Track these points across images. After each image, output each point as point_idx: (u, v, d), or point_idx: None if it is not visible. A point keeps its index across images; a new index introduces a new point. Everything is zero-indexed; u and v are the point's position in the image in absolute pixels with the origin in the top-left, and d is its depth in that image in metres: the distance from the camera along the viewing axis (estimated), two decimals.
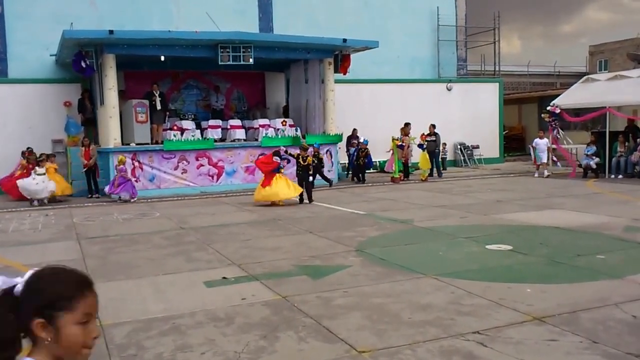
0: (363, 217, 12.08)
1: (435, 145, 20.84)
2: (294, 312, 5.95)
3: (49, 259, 8.96)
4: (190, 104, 21.10)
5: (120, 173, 15.97)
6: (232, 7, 21.47)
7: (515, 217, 11.33)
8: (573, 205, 12.81)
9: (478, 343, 4.95)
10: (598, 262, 7.66)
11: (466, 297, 6.22)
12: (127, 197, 15.88)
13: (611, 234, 9.43)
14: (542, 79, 41.68)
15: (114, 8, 20.04)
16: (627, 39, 42.68)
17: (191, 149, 17.48)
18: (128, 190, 15.94)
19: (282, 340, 5.18)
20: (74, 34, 16.03)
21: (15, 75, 19.29)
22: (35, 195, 15.42)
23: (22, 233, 11.57)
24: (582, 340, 4.94)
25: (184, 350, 5.02)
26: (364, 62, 21.60)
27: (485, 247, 8.75)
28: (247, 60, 17.13)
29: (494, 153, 25.83)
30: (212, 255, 8.78)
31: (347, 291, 6.61)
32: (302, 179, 14.90)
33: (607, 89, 19.18)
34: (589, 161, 18.82)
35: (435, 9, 24.68)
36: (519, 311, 5.71)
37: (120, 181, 15.91)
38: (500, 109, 26.18)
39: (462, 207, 12.97)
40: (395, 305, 6.04)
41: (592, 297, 6.14)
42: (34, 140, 18.48)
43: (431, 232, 10.19)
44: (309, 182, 14.94)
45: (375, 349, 4.90)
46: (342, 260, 8.21)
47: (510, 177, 19.93)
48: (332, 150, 19.25)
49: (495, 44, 26.36)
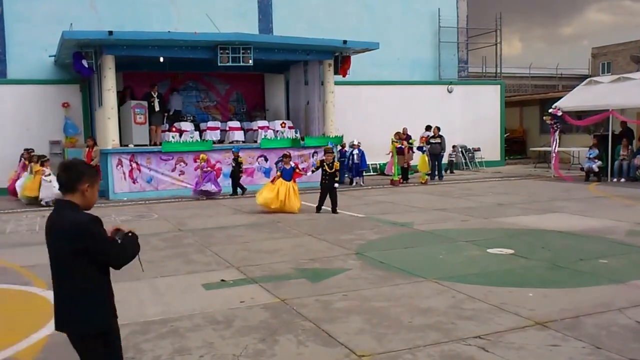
0: (362, 220, 12.01)
1: (440, 147, 20.77)
2: (293, 315, 5.90)
3: (46, 261, 8.85)
4: (189, 106, 21.03)
5: (202, 170, 16.25)
6: (232, 9, 21.44)
7: (517, 221, 11.26)
8: (575, 209, 12.73)
9: (479, 348, 4.90)
10: (601, 267, 7.59)
11: (467, 302, 6.16)
12: (214, 190, 16.14)
13: (614, 238, 9.36)
14: (544, 81, 41.60)
15: (113, 9, 20.01)
16: (631, 41, 42.53)
17: (189, 150, 17.41)
18: (211, 180, 16.19)
19: (281, 344, 5.13)
20: (73, 35, 15.98)
21: (14, 76, 19.25)
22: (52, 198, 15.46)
23: (19, 234, 11.51)
24: (585, 345, 4.89)
25: (182, 353, 4.97)
26: (364, 64, 21.57)
27: (487, 250, 8.68)
28: (246, 61, 17.07)
29: (495, 156, 25.76)
30: (210, 257, 8.71)
31: (347, 295, 6.55)
32: (328, 189, 13.10)
33: (610, 92, 19.11)
34: (591, 164, 18.73)
35: (436, 10, 24.64)
36: (520, 316, 5.65)
37: (204, 176, 16.24)
38: (501, 112, 26.13)
39: (462, 210, 12.90)
40: (395, 309, 5.98)
41: (595, 302, 6.07)
42: (31, 141, 18.42)
43: (431, 235, 10.12)
44: (335, 192, 13.22)
45: (375, 353, 4.85)
46: (342, 263, 8.15)
47: (512, 180, 19.85)
48: None
49: (497, 46, 26.31)
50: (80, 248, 3.19)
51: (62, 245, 3.23)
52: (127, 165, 16.71)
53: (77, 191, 3.33)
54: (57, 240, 3.27)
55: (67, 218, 3.24)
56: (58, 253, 3.28)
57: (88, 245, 3.20)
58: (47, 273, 8.01)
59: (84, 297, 3.28)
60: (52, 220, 3.35)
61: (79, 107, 19.97)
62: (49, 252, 3.37)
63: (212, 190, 16.22)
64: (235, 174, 16.90)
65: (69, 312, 3.29)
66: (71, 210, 3.29)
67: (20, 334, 5.58)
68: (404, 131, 20.37)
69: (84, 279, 3.27)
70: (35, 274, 8.02)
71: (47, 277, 7.61)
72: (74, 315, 3.28)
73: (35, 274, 7.98)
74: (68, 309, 3.29)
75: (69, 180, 3.33)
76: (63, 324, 3.32)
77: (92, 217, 3.26)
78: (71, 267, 3.25)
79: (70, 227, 3.21)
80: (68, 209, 3.29)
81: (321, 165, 13.36)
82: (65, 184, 3.35)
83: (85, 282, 3.28)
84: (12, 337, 5.51)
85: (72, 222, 3.22)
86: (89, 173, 3.38)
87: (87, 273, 3.27)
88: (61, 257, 3.26)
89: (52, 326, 5.75)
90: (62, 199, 3.37)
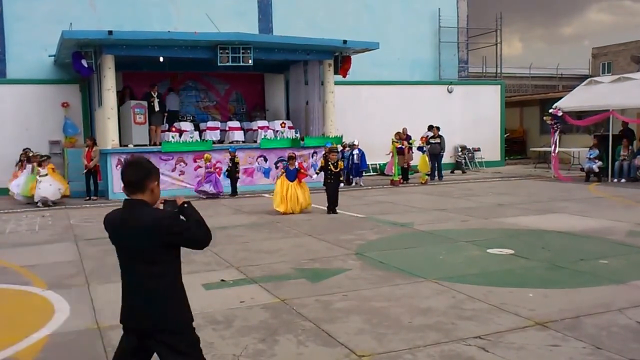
0: (362, 220, 12.00)
1: (439, 147, 20.76)
2: (293, 315, 5.90)
3: (46, 260, 8.92)
4: (189, 106, 21.01)
5: (206, 170, 16.34)
6: (232, 8, 21.42)
7: (517, 221, 11.25)
8: (575, 209, 12.73)
9: (479, 348, 4.89)
10: (601, 267, 7.58)
11: (467, 302, 6.16)
12: (213, 191, 16.19)
13: (614, 239, 9.36)
14: (544, 82, 41.54)
15: (113, 9, 19.99)
16: (631, 41, 42.42)
17: (189, 150, 17.40)
18: (212, 182, 16.24)
19: (281, 344, 5.13)
20: (73, 35, 15.96)
21: (14, 75, 19.23)
22: (49, 198, 15.46)
23: (19, 234, 11.51)
24: (585, 345, 4.89)
25: None
26: (364, 64, 21.55)
27: (487, 251, 8.68)
28: (246, 61, 17.06)
29: (495, 156, 25.73)
30: (210, 257, 8.70)
31: (347, 295, 6.54)
32: (333, 189, 12.97)
33: (610, 92, 19.08)
34: (591, 165, 18.72)
35: (437, 10, 24.62)
36: (521, 316, 5.65)
37: (207, 176, 16.31)
38: (501, 112, 26.10)
39: (462, 210, 12.89)
40: (395, 309, 5.98)
41: (595, 302, 6.07)
42: (31, 141, 18.41)
43: (431, 235, 10.11)
44: (337, 192, 13.12)
45: (375, 353, 4.85)
46: (342, 263, 8.14)
47: (512, 181, 19.84)
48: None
49: (497, 46, 26.29)
50: (168, 242, 3.23)
51: (147, 242, 3.21)
52: None
53: (147, 189, 3.32)
54: (139, 238, 3.23)
55: (145, 215, 3.24)
56: (142, 250, 3.25)
57: (177, 237, 3.24)
58: (47, 273, 8.04)
59: (176, 290, 3.36)
60: (124, 219, 3.30)
61: (78, 107, 19.94)
62: (121, 249, 3.38)
63: (211, 192, 16.24)
64: (232, 174, 16.90)
65: (163, 308, 3.27)
66: (146, 207, 3.29)
67: (20, 334, 5.57)
68: (404, 131, 20.36)
69: (175, 273, 3.35)
70: (35, 274, 8.03)
71: (47, 277, 7.69)
72: (172, 310, 3.30)
73: (35, 274, 7.98)
74: (162, 305, 3.27)
75: (139, 179, 3.32)
76: (153, 320, 3.28)
77: (170, 211, 3.31)
78: (160, 262, 3.28)
79: (154, 223, 3.20)
80: (142, 207, 3.29)
81: (326, 165, 13.21)
82: (136, 183, 3.32)
83: (175, 275, 3.36)
84: (12, 337, 5.50)
85: (155, 218, 3.23)
86: (155, 170, 3.39)
87: (175, 266, 3.36)
88: (148, 253, 3.24)
89: (52, 326, 5.79)
90: (132, 198, 3.33)
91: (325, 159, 13.33)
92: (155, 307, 3.26)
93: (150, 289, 3.27)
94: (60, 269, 8.30)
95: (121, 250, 3.37)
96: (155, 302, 3.27)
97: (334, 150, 13.54)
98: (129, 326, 3.39)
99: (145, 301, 3.27)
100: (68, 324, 5.85)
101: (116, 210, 3.40)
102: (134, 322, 3.35)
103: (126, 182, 3.35)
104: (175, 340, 3.28)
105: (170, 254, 3.29)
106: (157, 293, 3.27)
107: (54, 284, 7.38)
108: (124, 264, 3.38)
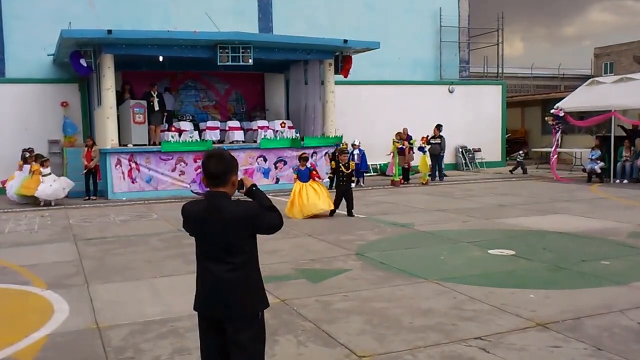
0: (363, 220, 11.98)
1: (440, 148, 20.72)
2: (293, 315, 5.88)
3: (45, 260, 8.90)
4: (189, 105, 20.99)
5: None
6: (232, 8, 21.40)
7: (518, 222, 11.23)
8: (577, 210, 12.70)
9: (480, 349, 4.88)
10: (603, 268, 7.56)
11: (468, 303, 6.13)
12: (198, 190, 15.94)
13: (616, 240, 9.33)
14: (546, 82, 41.48)
15: (112, 8, 19.95)
16: (634, 41, 42.25)
17: (189, 150, 17.36)
18: (196, 182, 16.18)
19: (281, 344, 5.11)
20: (72, 34, 15.93)
21: (13, 75, 19.19)
22: (53, 197, 15.42)
23: (18, 234, 11.47)
24: (586, 347, 4.87)
25: (182, 353, 4.95)
26: (365, 64, 21.50)
27: (488, 252, 8.65)
28: (246, 60, 17.01)
29: (495, 157, 25.71)
30: None
31: (347, 295, 6.52)
32: (345, 191, 12.76)
33: (612, 92, 19.03)
34: (593, 165, 18.69)
35: (438, 10, 24.59)
36: (522, 317, 5.63)
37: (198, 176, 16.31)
38: (502, 112, 26.08)
39: (463, 211, 12.87)
40: (396, 310, 5.96)
41: (596, 303, 6.04)
42: (30, 140, 18.36)
43: (432, 236, 10.09)
44: (352, 193, 12.88)
45: (376, 354, 4.84)
46: (342, 264, 8.12)
47: (513, 181, 19.82)
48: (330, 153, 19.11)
49: (499, 46, 26.26)
50: (254, 231, 3.42)
51: (236, 233, 3.36)
52: (126, 165, 16.65)
53: (229, 182, 3.41)
54: (228, 229, 3.34)
55: (233, 207, 3.38)
56: (229, 241, 3.36)
57: (261, 226, 3.42)
58: (46, 273, 8.01)
59: (259, 277, 3.51)
60: (211, 211, 3.38)
61: (77, 106, 19.90)
62: (204, 240, 3.46)
63: (197, 191, 15.88)
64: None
65: (250, 294, 3.43)
66: (229, 199, 3.42)
67: (20, 333, 5.55)
68: (404, 131, 20.34)
69: (256, 261, 3.52)
70: (34, 273, 8.00)
71: (47, 277, 7.67)
72: (257, 296, 3.47)
73: (35, 274, 7.96)
74: (249, 290, 3.43)
75: (223, 171, 3.40)
76: (238, 307, 3.39)
77: (253, 201, 3.46)
78: (248, 252, 3.44)
79: (244, 214, 3.35)
80: (227, 199, 3.40)
81: (337, 167, 13.07)
82: (220, 176, 3.40)
83: (257, 263, 3.52)
84: (11, 336, 5.48)
85: (244, 209, 3.37)
86: (236, 163, 3.49)
87: (256, 255, 3.52)
88: (235, 244, 3.37)
89: (51, 326, 5.77)
90: (216, 190, 3.41)
91: (336, 161, 13.25)
92: (235, 295, 3.38)
93: (238, 277, 3.40)
94: (59, 269, 8.27)
95: (203, 241, 3.45)
96: (242, 288, 3.40)
97: (344, 152, 13.50)
98: (207, 315, 3.48)
99: (227, 290, 3.37)
100: (67, 324, 5.83)
101: (197, 202, 3.53)
102: (212, 311, 3.44)
103: (210, 175, 3.42)
104: (250, 326, 3.41)
105: (254, 243, 3.47)
106: (244, 279, 3.41)
107: (53, 284, 7.36)
108: (205, 254, 3.44)
